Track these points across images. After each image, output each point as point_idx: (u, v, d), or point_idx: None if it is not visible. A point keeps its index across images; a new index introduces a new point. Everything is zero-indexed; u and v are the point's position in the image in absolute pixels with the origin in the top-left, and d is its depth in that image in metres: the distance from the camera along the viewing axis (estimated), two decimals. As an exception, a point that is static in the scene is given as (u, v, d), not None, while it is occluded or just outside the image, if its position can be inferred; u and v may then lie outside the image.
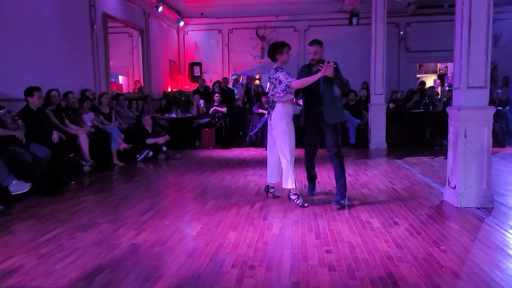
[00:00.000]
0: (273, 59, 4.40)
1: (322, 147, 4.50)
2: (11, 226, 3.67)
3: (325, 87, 4.22)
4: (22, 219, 3.90)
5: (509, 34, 11.62)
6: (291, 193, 4.33)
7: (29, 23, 6.04)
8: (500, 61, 11.35)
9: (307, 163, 4.61)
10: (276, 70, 4.31)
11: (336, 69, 4.11)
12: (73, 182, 5.41)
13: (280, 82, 4.20)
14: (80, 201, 4.55)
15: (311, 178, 4.73)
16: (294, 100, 4.44)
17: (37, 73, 6.09)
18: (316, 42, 4.34)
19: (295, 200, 4.27)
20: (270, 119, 4.42)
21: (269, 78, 4.43)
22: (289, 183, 4.29)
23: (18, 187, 4.36)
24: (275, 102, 4.32)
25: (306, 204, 4.23)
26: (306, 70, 4.40)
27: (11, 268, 2.74)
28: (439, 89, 13.06)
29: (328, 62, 3.96)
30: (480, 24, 3.95)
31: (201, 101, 9.77)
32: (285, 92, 4.20)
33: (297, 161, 4.50)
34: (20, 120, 5.09)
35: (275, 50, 4.36)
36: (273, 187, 4.66)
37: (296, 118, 4.44)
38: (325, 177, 5.67)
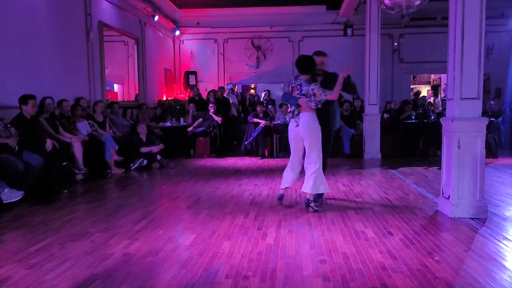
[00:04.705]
0: (309, 72, 4.45)
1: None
2: (1, 235, 3.62)
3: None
4: (12, 228, 3.84)
5: (501, 46, 11.77)
6: (311, 200, 4.38)
7: (24, 31, 6.03)
8: (492, 72, 11.49)
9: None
10: (309, 82, 4.39)
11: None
12: (66, 191, 5.36)
13: (314, 95, 4.29)
14: (72, 210, 4.50)
15: None
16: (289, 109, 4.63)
17: (32, 80, 6.07)
18: (322, 53, 4.75)
19: (314, 207, 4.35)
20: (297, 126, 4.42)
21: (297, 85, 4.45)
22: (321, 188, 4.41)
23: (10, 195, 4.32)
24: (300, 111, 4.40)
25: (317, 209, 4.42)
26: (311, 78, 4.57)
27: (0, 278, 2.69)
28: (431, 99, 13.18)
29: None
30: (472, 36, 4.00)
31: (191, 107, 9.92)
32: (317, 105, 4.35)
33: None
34: (12, 128, 5.05)
35: (314, 64, 4.47)
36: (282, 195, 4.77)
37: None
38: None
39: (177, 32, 12.42)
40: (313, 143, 4.38)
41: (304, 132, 4.40)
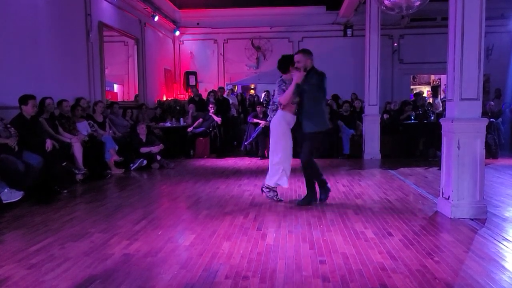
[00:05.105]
0: (286, 71, 4.58)
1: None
2: (1, 235, 3.62)
3: (306, 96, 4.48)
4: (12, 228, 3.84)
5: (501, 46, 11.78)
6: (264, 186, 4.76)
7: (24, 31, 6.03)
8: (492, 73, 11.51)
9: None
10: (279, 82, 4.63)
11: (321, 80, 4.41)
12: (65, 191, 5.36)
13: (273, 95, 4.54)
14: (72, 210, 4.50)
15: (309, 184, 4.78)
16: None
17: (32, 81, 6.07)
18: (299, 51, 4.60)
19: (267, 193, 4.73)
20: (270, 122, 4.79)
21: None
22: (272, 181, 4.70)
23: (10, 195, 4.32)
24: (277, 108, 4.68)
25: (281, 199, 4.77)
26: None
27: (0, 278, 2.69)
28: (430, 100, 13.19)
29: (299, 69, 4.37)
30: (472, 37, 4.00)
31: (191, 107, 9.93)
32: (278, 105, 4.58)
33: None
34: (12, 128, 5.05)
35: (290, 62, 4.56)
36: (275, 191, 4.83)
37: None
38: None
39: (177, 33, 12.43)
40: (273, 139, 4.65)
41: (270, 127, 4.75)
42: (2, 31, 5.59)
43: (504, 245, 3.32)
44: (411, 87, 14.46)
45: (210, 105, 9.52)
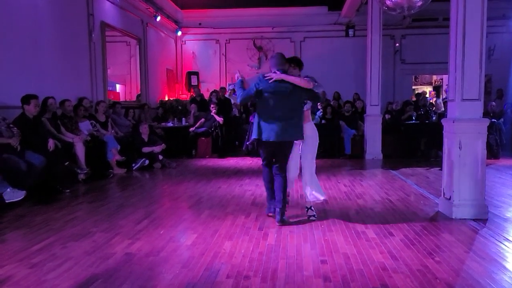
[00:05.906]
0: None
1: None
2: (3, 235, 3.63)
3: None
4: (14, 227, 3.86)
5: (502, 47, 11.75)
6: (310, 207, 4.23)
7: (26, 31, 6.05)
8: (494, 73, 11.48)
9: None
10: None
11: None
12: (68, 191, 5.37)
13: None
14: (74, 210, 4.52)
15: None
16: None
17: (34, 80, 6.08)
18: None
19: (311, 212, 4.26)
20: None
21: None
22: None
23: (12, 195, 4.34)
24: None
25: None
26: None
27: (2, 277, 2.70)
28: (433, 100, 13.17)
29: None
30: (474, 37, 4.00)
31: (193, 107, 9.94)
32: None
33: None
34: (15, 128, 5.07)
35: None
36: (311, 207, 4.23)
37: None
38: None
39: (179, 33, 12.43)
40: None
41: None
42: (4, 31, 5.60)
43: (505, 246, 3.32)
44: (413, 87, 14.44)
45: (212, 105, 9.53)
